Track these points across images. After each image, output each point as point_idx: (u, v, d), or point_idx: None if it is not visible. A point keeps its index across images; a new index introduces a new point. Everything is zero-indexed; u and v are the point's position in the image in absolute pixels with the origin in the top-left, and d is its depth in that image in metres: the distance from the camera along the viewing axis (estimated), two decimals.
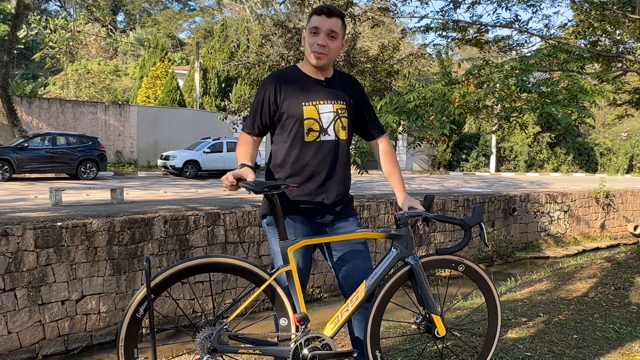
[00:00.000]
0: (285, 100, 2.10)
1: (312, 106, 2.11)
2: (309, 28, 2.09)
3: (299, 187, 2.12)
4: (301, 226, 2.16)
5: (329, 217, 2.19)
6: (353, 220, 2.26)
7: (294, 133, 2.11)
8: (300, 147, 2.11)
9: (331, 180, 2.16)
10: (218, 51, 26.59)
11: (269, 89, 2.11)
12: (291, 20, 18.34)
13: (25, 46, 34.54)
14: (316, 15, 2.08)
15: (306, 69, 2.16)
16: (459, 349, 3.05)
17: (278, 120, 2.14)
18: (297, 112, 2.09)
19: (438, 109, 4.16)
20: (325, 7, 2.08)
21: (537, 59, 4.46)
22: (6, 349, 5.81)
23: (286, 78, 2.14)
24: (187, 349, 3.58)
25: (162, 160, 16.93)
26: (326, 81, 2.16)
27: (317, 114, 2.11)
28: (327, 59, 2.10)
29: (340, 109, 2.15)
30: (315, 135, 2.12)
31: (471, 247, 11.40)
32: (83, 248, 6.43)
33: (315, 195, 2.14)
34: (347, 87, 2.22)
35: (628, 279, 5.37)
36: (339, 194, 2.19)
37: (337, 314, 2.11)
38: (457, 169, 27.29)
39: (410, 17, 6.33)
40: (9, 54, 17.94)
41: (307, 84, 2.13)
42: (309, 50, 2.09)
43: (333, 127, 2.14)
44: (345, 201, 2.24)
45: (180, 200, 9.22)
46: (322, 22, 2.06)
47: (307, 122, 2.10)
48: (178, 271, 1.92)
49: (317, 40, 2.06)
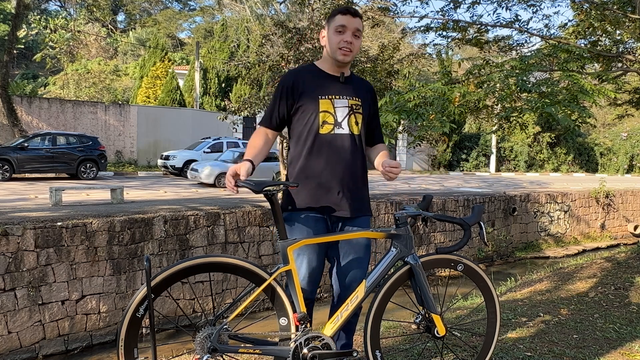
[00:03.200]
0: (302, 93, 2.19)
1: (328, 100, 2.19)
2: (335, 26, 2.17)
3: (314, 180, 2.17)
4: (315, 224, 2.19)
5: (344, 211, 2.21)
6: (366, 219, 2.29)
7: (309, 125, 2.19)
8: (315, 138, 2.18)
9: (345, 173, 2.20)
10: (218, 51, 26.59)
11: (287, 83, 2.20)
12: (291, 20, 18.34)
13: (25, 46, 34.53)
14: (342, 14, 2.18)
15: (324, 66, 2.26)
16: (458, 348, 3.05)
17: (295, 113, 2.22)
18: (313, 104, 2.18)
19: (438, 109, 4.16)
20: (351, 8, 2.20)
21: (537, 58, 4.46)
22: (6, 348, 5.82)
23: (304, 74, 2.24)
24: (187, 348, 3.58)
25: (162, 160, 16.94)
26: (342, 77, 2.24)
27: (332, 108, 2.19)
28: (352, 56, 2.19)
29: (355, 104, 2.24)
30: (329, 128, 2.18)
31: (471, 247, 11.40)
32: (83, 248, 6.43)
33: (329, 187, 2.18)
34: (364, 89, 2.32)
35: (628, 279, 5.37)
36: (354, 186, 2.23)
37: (337, 314, 2.12)
38: (457, 169, 27.28)
39: (410, 17, 6.33)
40: (9, 54, 17.94)
41: (324, 80, 2.23)
42: (335, 47, 2.17)
43: (347, 121, 2.21)
44: (360, 196, 2.27)
45: (180, 200, 9.23)
46: (349, 21, 2.16)
47: (322, 115, 2.18)
48: (178, 271, 1.92)
49: (344, 37, 2.16)
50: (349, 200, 2.21)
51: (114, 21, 43.51)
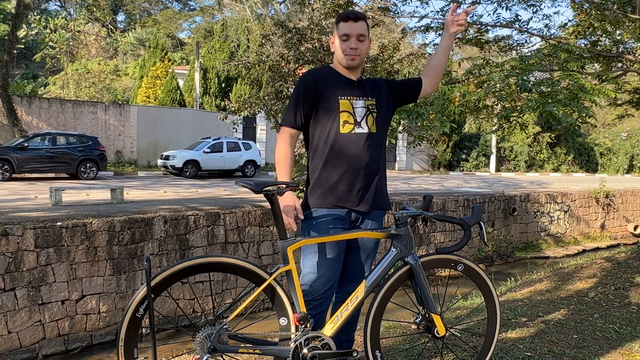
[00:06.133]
0: (323, 93, 2.25)
1: (347, 100, 2.26)
2: (340, 35, 2.24)
3: (335, 179, 2.22)
4: (334, 221, 2.23)
5: (363, 206, 2.26)
6: (381, 213, 2.35)
7: (330, 125, 2.24)
8: (335, 137, 2.23)
9: (365, 171, 2.25)
10: (218, 51, 26.58)
11: (308, 82, 2.26)
12: (291, 20, 18.34)
13: (25, 46, 34.53)
14: (343, 22, 2.24)
15: (339, 69, 2.32)
16: (458, 348, 3.05)
17: (316, 112, 2.26)
18: (334, 104, 2.24)
19: (438, 108, 4.16)
20: (351, 13, 2.26)
21: (537, 58, 4.46)
22: (6, 348, 5.81)
23: (323, 74, 2.30)
24: (187, 348, 3.58)
25: (162, 160, 16.92)
26: (357, 81, 2.32)
27: (351, 108, 2.26)
28: (360, 59, 2.27)
29: (370, 105, 2.30)
30: (350, 128, 2.24)
31: (471, 247, 11.40)
32: (83, 248, 6.43)
33: (351, 185, 2.22)
34: (376, 85, 2.38)
35: (628, 279, 5.37)
36: (373, 183, 2.28)
37: (337, 314, 2.12)
38: (457, 169, 27.27)
39: (410, 17, 6.33)
40: (9, 54, 17.93)
41: (342, 82, 2.29)
42: (342, 54, 2.25)
43: (366, 120, 2.26)
44: (379, 192, 2.31)
45: (180, 200, 9.22)
46: (351, 27, 2.22)
47: (342, 115, 2.24)
48: (178, 271, 1.92)
49: (349, 44, 2.23)
50: (368, 195, 2.26)
51: (114, 21, 43.50)
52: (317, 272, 2.19)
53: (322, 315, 2.23)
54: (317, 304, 2.19)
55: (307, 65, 9.47)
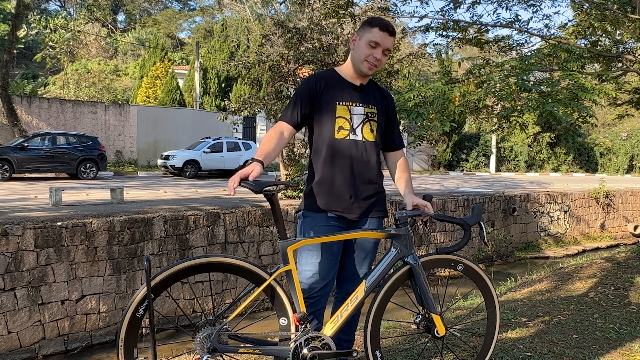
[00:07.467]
0: (322, 96, 2.24)
1: (345, 106, 2.24)
2: (369, 40, 2.18)
3: (327, 184, 2.21)
4: (328, 223, 2.23)
5: (354, 214, 2.25)
6: (376, 221, 2.32)
7: (325, 130, 2.23)
8: (331, 142, 2.22)
9: (358, 178, 2.24)
10: (218, 51, 26.58)
11: (310, 84, 2.26)
12: (291, 20, 18.35)
13: (25, 46, 34.52)
14: (380, 30, 2.18)
15: (344, 73, 2.30)
16: (458, 348, 3.05)
17: (314, 117, 2.26)
18: (331, 109, 2.23)
19: (438, 108, 4.15)
20: (390, 26, 2.21)
21: (537, 58, 4.46)
22: (6, 348, 5.81)
23: (326, 78, 2.28)
24: (187, 348, 3.58)
25: (162, 160, 16.93)
26: (361, 87, 2.29)
27: (348, 114, 2.24)
28: (376, 70, 2.26)
29: (370, 112, 2.28)
30: (345, 134, 2.23)
31: (471, 247, 11.39)
32: (83, 248, 6.42)
33: (341, 192, 2.22)
34: (381, 96, 2.36)
35: (628, 279, 5.37)
36: (366, 192, 2.26)
37: (337, 314, 2.12)
38: (457, 169, 27.28)
39: (410, 17, 6.33)
40: (9, 54, 17.93)
41: (343, 86, 2.27)
42: (363, 59, 2.21)
43: (361, 128, 2.25)
44: (372, 199, 2.29)
45: (180, 200, 9.22)
46: (384, 39, 2.19)
47: (338, 120, 2.23)
48: (178, 271, 1.92)
49: (374, 53, 2.19)
50: (360, 204, 2.24)
51: (114, 21, 43.51)
52: (312, 270, 2.19)
53: (319, 313, 2.23)
54: (313, 302, 2.20)
55: (307, 65, 9.47)
